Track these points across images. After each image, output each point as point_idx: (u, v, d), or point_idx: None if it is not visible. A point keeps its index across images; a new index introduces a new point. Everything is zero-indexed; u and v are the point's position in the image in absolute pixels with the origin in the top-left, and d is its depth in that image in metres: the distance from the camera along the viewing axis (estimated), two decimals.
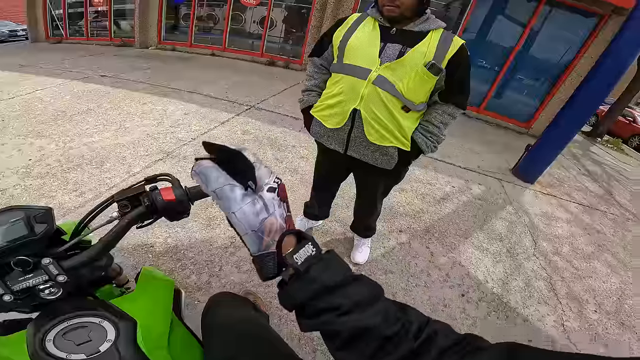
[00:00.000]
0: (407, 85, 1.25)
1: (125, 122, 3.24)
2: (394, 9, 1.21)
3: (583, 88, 3.47)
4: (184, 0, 8.10)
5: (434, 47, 1.23)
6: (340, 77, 1.34)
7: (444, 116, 1.36)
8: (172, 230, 1.93)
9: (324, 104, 1.43)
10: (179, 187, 0.62)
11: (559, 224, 3.10)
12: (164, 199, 0.58)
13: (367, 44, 1.28)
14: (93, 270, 0.57)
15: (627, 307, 2.24)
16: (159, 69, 5.67)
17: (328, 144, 1.47)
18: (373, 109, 1.29)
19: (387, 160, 1.40)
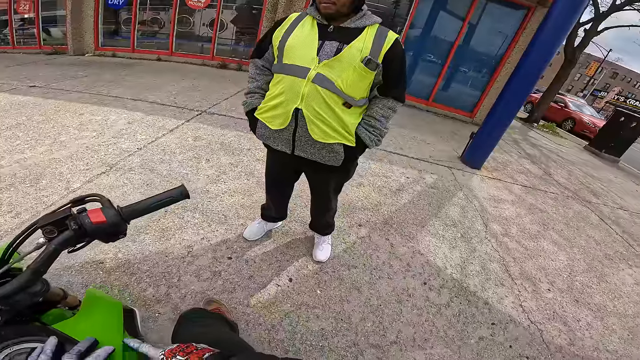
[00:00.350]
0: (346, 82, 1.27)
1: (61, 135, 2.97)
2: (330, 5, 1.22)
3: (514, 77, 3.72)
4: (123, 5, 7.60)
5: (370, 42, 1.26)
6: (281, 77, 1.34)
7: (385, 110, 1.40)
8: (122, 245, 1.81)
9: (267, 106, 1.41)
10: (109, 207, 0.60)
11: (505, 206, 3.32)
12: (93, 222, 0.56)
13: (305, 42, 1.28)
14: (29, 296, 0.54)
15: (578, 284, 2.41)
16: (98, 77, 5.27)
17: (275, 146, 1.46)
18: (314, 107, 1.29)
19: (334, 157, 1.41)
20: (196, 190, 2.41)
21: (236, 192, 2.49)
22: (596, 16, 9.45)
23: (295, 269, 1.91)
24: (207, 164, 2.82)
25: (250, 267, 1.85)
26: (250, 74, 1.53)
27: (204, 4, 7.31)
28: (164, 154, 2.85)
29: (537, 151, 6.20)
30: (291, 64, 1.29)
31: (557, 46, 3.44)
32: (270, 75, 1.46)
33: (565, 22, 3.35)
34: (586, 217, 3.59)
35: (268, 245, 2.03)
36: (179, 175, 2.58)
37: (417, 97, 7.35)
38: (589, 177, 5.38)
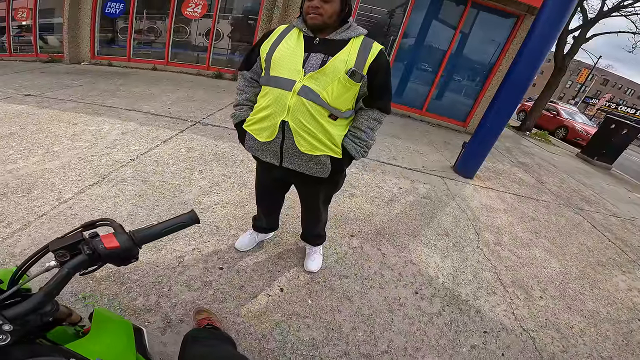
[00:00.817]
0: (331, 94, 1.28)
1: (54, 145, 2.97)
2: (317, 16, 1.25)
3: (503, 86, 3.76)
4: (119, 14, 7.65)
5: (355, 54, 1.28)
6: (268, 89, 1.35)
7: (370, 121, 1.42)
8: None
9: (254, 118, 1.43)
10: (122, 232, 0.60)
11: (498, 214, 3.34)
12: (107, 247, 0.57)
13: (291, 54, 1.30)
14: (39, 317, 0.54)
15: (570, 291, 2.42)
16: (92, 86, 5.28)
17: (263, 157, 1.48)
18: (301, 120, 1.30)
19: (321, 169, 1.42)
20: (188, 202, 2.42)
21: (228, 203, 2.50)
22: (584, 23, 9.64)
23: (286, 279, 1.91)
24: (200, 175, 2.83)
25: (241, 277, 1.85)
26: (239, 86, 1.55)
27: (200, 13, 7.37)
28: (157, 165, 2.86)
29: (529, 159, 6.27)
30: (277, 76, 1.31)
31: (545, 53, 3.50)
32: (258, 87, 1.48)
33: (552, 29, 3.40)
34: (578, 225, 3.62)
35: (259, 256, 2.03)
36: (172, 186, 2.58)
37: (411, 107, 7.41)
38: (581, 184, 5.43)
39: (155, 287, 1.69)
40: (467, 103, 7.36)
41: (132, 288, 1.66)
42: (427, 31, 6.89)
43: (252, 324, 1.61)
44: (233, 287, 1.78)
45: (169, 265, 1.84)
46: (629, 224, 4.11)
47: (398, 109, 7.34)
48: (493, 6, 6.32)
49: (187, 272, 1.82)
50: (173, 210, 2.29)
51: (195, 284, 1.76)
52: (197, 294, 1.70)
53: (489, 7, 6.39)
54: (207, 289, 1.74)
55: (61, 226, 2.00)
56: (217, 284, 1.78)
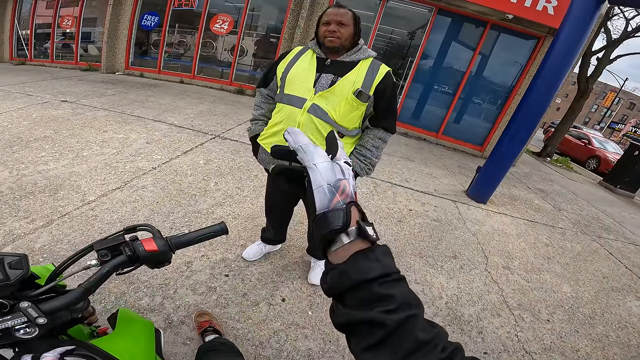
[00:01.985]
0: (339, 113, 1.38)
1: (83, 150, 3.19)
2: (335, 39, 1.36)
3: (520, 109, 3.71)
4: (154, 27, 8.13)
5: (363, 75, 1.38)
6: (281, 106, 1.46)
7: (375, 140, 1.50)
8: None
9: (268, 132, 1.53)
10: (160, 237, 0.65)
11: (509, 239, 3.28)
12: (146, 250, 0.61)
13: (304, 74, 1.41)
14: (71, 312, 0.58)
15: (580, 315, 2.37)
16: (124, 96, 5.61)
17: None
18: (309, 136, 1.40)
19: None
20: (202, 211, 2.53)
21: (240, 215, 2.60)
22: (608, 44, 9.46)
23: (289, 290, 1.96)
24: (215, 186, 2.96)
25: (245, 285, 1.91)
26: (256, 102, 1.67)
27: (226, 30, 7.74)
28: (175, 175, 3.01)
29: (548, 186, 6.12)
30: (290, 94, 1.41)
31: (564, 75, 3.45)
32: (274, 104, 1.59)
33: (570, 50, 3.35)
34: (595, 252, 3.51)
35: (265, 266, 2.10)
36: (188, 195, 2.71)
37: (427, 130, 7.37)
38: (601, 212, 5.23)
39: (161, 288, 1.77)
40: (484, 127, 7.27)
41: (139, 288, 1.74)
42: (446, 53, 6.93)
43: (251, 330, 1.66)
44: (236, 294, 1.84)
45: (178, 269, 1.92)
46: None
47: (414, 132, 7.34)
48: (513, 28, 6.33)
49: (194, 277, 1.89)
50: (187, 219, 2.40)
51: (200, 288, 1.83)
52: (201, 298, 1.76)
53: (508, 28, 6.39)
54: (211, 294, 1.80)
55: (82, 226, 2.12)
56: (221, 290, 1.84)
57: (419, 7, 6.60)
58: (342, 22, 1.37)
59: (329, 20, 1.38)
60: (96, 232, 2.08)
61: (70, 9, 9.10)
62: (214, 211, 2.57)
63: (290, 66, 1.44)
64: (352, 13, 1.41)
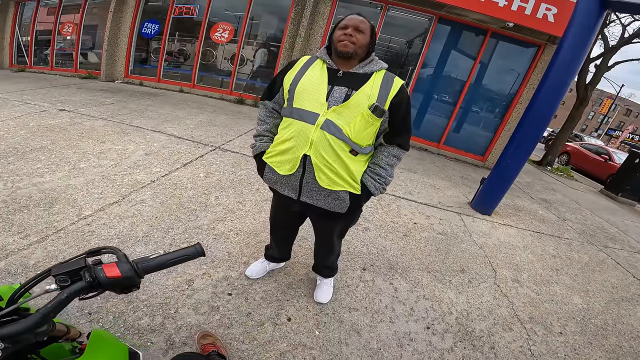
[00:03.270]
0: (353, 129, 1.29)
1: (80, 162, 3.11)
2: (350, 44, 1.28)
3: (525, 118, 3.66)
4: (154, 34, 8.11)
5: (377, 88, 1.30)
6: (290, 121, 1.36)
7: (390, 158, 1.43)
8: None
9: (275, 150, 1.43)
10: (125, 262, 0.61)
11: (516, 252, 3.24)
12: (108, 276, 0.58)
13: (315, 87, 1.31)
14: (34, 336, 0.55)
15: (592, 327, 2.35)
16: (123, 105, 5.55)
17: (281, 190, 1.48)
18: (323, 154, 1.31)
19: (339, 204, 1.42)
20: (203, 227, 2.46)
21: (242, 231, 2.52)
22: (606, 50, 9.50)
23: (295, 309, 1.89)
24: (216, 201, 2.88)
25: (249, 305, 1.84)
26: (260, 116, 1.56)
27: (226, 38, 7.73)
28: (175, 188, 2.93)
29: (551, 196, 6.07)
30: (301, 109, 1.32)
31: (569, 83, 3.41)
32: (279, 118, 1.49)
33: (575, 57, 3.32)
34: (602, 262, 3.49)
35: (269, 284, 2.02)
36: (188, 210, 2.64)
37: (428, 140, 7.31)
38: (605, 221, 5.20)
39: (162, 308, 1.70)
40: (486, 136, 7.22)
41: (138, 307, 1.68)
42: (447, 62, 6.91)
43: (257, 352, 1.59)
44: (240, 314, 1.77)
45: (178, 288, 1.85)
46: None
47: (415, 142, 7.27)
48: (513, 36, 6.32)
49: (196, 296, 1.82)
50: (187, 235, 2.33)
51: (202, 307, 1.76)
52: (204, 318, 1.70)
53: (508, 37, 6.39)
54: (214, 314, 1.73)
55: (77, 242, 2.05)
56: (224, 310, 1.77)
57: (419, 15, 6.61)
58: (360, 28, 1.31)
59: (346, 24, 1.31)
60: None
61: (71, 16, 9.10)
62: (215, 227, 2.49)
63: (299, 77, 1.35)
64: (370, 23, 1.36)
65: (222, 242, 2.33)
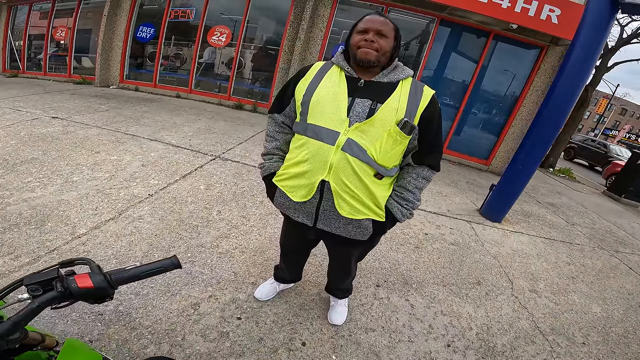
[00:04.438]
0: (379, 149, 1.13)
1: (73, 174, 2.95)
2: (372, 52, 1.12)
3: (536, 123, 3.58)
4: (150, 38, 7.94)
5: (405, 100, 1.14)
6: (305, 140, 1.19)
7: (419, 180, 1.27)
8: (123, 297, 1.72)
9: (287, 173, 1.27)
10: (98, 273, 0.62)
11: (531, 260, 3.16)
12: (80, 286, 0.60)
13: (333, 100, 1.14)
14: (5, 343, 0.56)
15: (614, 335, 2.31)
16: (118, 112, 5.38)
17: (295, 217, 1.31)
18: (344, 180, 1.16)
19: (361, 232, 1.27)
20: (205, 245, 2.31)
21: (248, 248, 2.37)
22: (605, 51, 9.48)
23: (309, 332, 1.77)
24: (218, 215, 2.73)
25: (260, 329, 1.72)
26: (269, 132, 1.39)
27: (224, 42, 7.58)
28: (174, 203, 2.78)
29: (557, 199, 5.99)
30: (317, 125, 1.15)
31: (582, 86, 3.32)
32: (291, 134, 1.34)
33: (587, 58, 3.23)
34: (615, 267, 3.46)
35: (280, 306, 1.90)
36: (189, 227, 2.48)
37: None
38: (613, 225, 5.17)
39: (168, 334, 1.59)
40: (489, 139, 7.11)
41: (143, 334, 1.56)
42: (449, 64, 6.81)
43: None
44: (252, 340, 1.65)
45: (184, 312, 1.72)
46: None
47: None
48: (516, 38, 6.25)
49: (203, 321, 1.70)
50: (190, 254, 2.18)
51: (211, 334, 1.63)
52: (213, 345, 1.58)
53: (511, 38, 6.31)
54: (223, 340, 1.61)
55: None
56: (234, 335, 1.65)
57: (420, 18, 6.52)
58: (382, 32, 1.13)
59: (366, 28, 1.14)
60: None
61: (64, 20, 8.93)
62: (219, 244, 2.34)
63: (313, 87, 1.18)
64: (394, 25, 1.18)
65: (227, 261, 2.19)
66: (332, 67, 1.21)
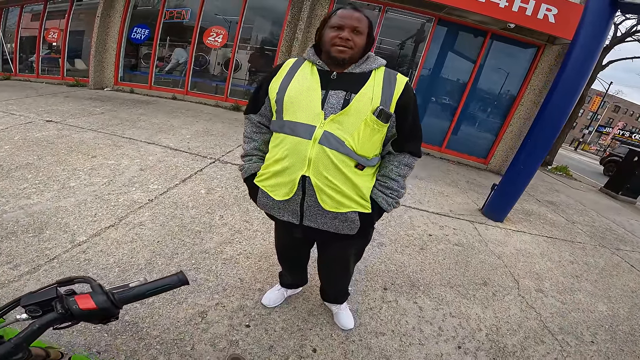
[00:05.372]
0: (357, 139, 1.12)
1: (70, 180, 2.88)
2: (347, 50, 1.10)
3: (537, 122, 3.58)
4: (144, 40, 7.84)
5: (380, 89, 1.13)
6: (282, 137, 1.18)
7: (401, 167, 1.26)
8: (128, 307, 1.67)
9: (267, 172, 1.25)
10: (100, 292, 0.59)
11: (534, 260, 3.16)
12: (81, 307, 0.57)
13: (306, 94, 1.13)
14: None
15: (621, 334, 2.33)
16: (114, 115, 5.29)
17: (280, 216, 1.29)
18: (324, 174, 1.14)
19: (348, 226, 1.25)
20: (209, 251, 2.26)
21: (252, 254, 2.33)
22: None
23: (319, 338, 1.74)
24: (220, 220, 2.68)
25: (270, 337, 1.69)
26: (246, 133, 1.36)
27: (220, 43, 7.50)
28: (175, 208, 2.72)
29: (555, 197, 6.02)
30: (293, 121, 1.14)
31: (582, 85, 3.32)
32: (269, 133, 1.32)
33: (587, 57, 3.23)
34: (617, 265, 3.48)
35: (288, 312, 1.86)
36: (192, 232, 2.43)
37: (431, 144, 7.15)
38: (612, 222, 5.22)
39: (177, 344, 1.55)
40: (487, 138, 7.10)
41: (151, 345, 1.52)
42: (447, 64, 6.79)
43: None
44: (262, 348, 1.62)
45: (191, 321, 1.69)
46: None
47: None
48: (513, 37, 6.24)
49: (211, 330, 1.66)
50: (194, 260, 2.13)
51: (220, 342, 1.60)
52: (224, 354, 1.55)
53: (509, 38, 6.31)
54: (233, 349, 1.59)
55: (73, 272, 1.87)
56: (244, 344, 1.62)
57: (418, 17, 6.50)
58: (358, 29, 1.11)
59: (342, 24, 1.10)
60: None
61: (57, 21, 8.79)
62: (223, 250, 2.29)
63: (285, 84, 1.16)
64: (368, 20, 1.16)
65: (232, 267, 2.14)
66: (304, 63, 1.20)
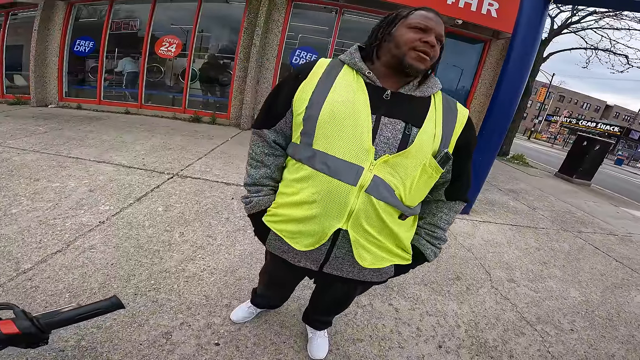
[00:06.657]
0: (409, 188, 0.88)
1: (11, 206, 2.59)
2: (428, 60, 0.84)
3: (490, 115, 3.73)
4: (89, 52, 7.37)
5: (440, 122, 0.88)
6: (310, 173, 0.87)
7: (451, 215, 1.06)
8: (83, 332, 1.51)
9: (285, 215, 0.96)
10: (24, 318, 0.60)
11: (502, 249, 3.24)
12: (4, 332, 0.58)
13: (352, 117, 0.82)
14: None
15: (599, 319, 2.37)
16: (59, 133, 4.87)
17: (295, 262, 1.02)
18: (365, 227, 0.89)
19: (378, 275, 1.03)
20: (169, 270, 2.09)
21: (217, 269, 2.18)
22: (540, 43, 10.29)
23: (294, 351, 1.65)
24: (181, 237, 2.50)
25: (242, 354, 1.58)
26: (255, 154, 1.02)
27: (174, 52, 7.22)
28: (130, 228, 2.51)
29: (515, 185, 6.31)
30: (329, 155, 0.84)
31: (526, 76, 3.52)
32: (284, 156, 1.02)
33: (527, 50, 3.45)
34: (582, 248, 3.62)
35: (260, 327, 1.75)
36: (149, 252, 2.25)
37: None
38: (570, 205, 5.52)
39: None
40: None
41: None
42: None
43: None
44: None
45: (155, 343, 1.54)
46: (628, 241, 4.23)
47: None
48: (461, 33, 6.46)
49: (178, 351, 1.52)
50: (153, 281, 1.96)
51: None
52: None
53: (457, 34, 6.51)
54: None
55: (21, 300, 1.68)
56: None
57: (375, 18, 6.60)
58: (441, 38, 0.87)
59: (427, 26, 0.83)
60: (39, 306, 1.65)
61: None
62: (185, 268, 2.13)
63: (321, 97, 0.84)
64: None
65: (195, 284, 1.99)
66: (344, 68, 0.89)
